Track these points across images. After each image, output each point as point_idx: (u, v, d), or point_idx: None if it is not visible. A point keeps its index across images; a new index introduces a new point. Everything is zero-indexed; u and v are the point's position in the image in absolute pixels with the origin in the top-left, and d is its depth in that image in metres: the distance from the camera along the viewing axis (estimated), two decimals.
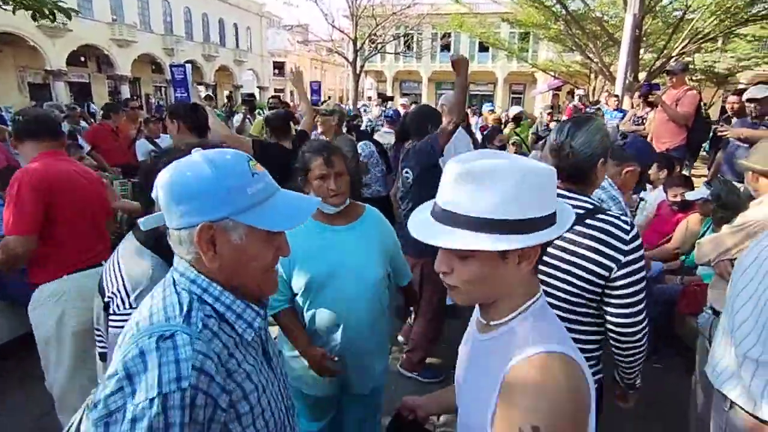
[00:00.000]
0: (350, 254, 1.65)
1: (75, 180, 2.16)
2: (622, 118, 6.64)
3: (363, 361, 1.73)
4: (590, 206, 1.38)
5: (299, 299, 1.67)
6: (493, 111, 8.62)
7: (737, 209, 1.93)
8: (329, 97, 13.74)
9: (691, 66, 17.74)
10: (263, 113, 8.13)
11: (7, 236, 1.94)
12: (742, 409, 1.35)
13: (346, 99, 32.19)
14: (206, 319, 0.80)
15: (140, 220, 0.83)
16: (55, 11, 5.68)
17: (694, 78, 18.23)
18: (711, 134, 5.62)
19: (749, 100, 3.74)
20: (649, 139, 5.24)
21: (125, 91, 26.42)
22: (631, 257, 1.32)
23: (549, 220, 0.78)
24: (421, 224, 0.81)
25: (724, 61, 17.96)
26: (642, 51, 12.44)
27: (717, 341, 1.51)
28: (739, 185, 2.63)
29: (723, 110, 8.07)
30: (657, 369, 3.05)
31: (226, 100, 10.72)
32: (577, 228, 1.35)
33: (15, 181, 1.98)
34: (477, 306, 0.93)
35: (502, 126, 7.59)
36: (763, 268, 1.32)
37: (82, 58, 25.57)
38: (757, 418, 1.31)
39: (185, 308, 0.80)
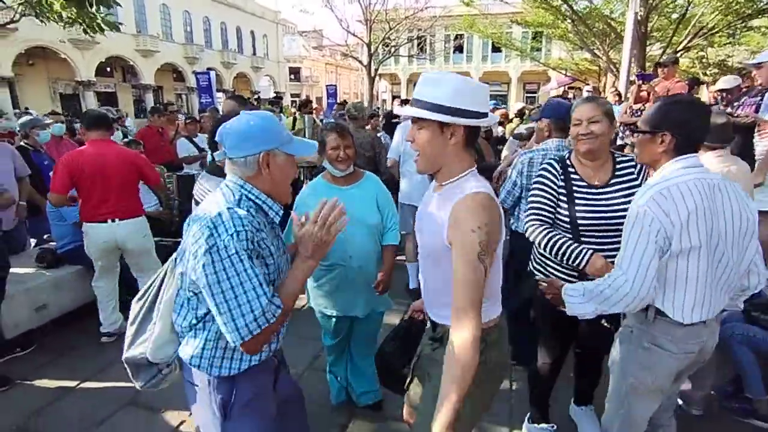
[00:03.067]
0: (353, 206, 2.14)
1: (102, 160, 3.10)
2: None
3: (365, 286, 2.26)
4: None
5: None
6: (497, 109, 8.98)
7: None
8: (345, 101, 14.27)
9: (704, 60, 17.93)
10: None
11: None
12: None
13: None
14: (249, 207, 1.30)
15: (215, 153, 1.37)
16: (103, 25, 6.37)
17: (708, 72, 18.35)
18: None
19: (720, 91, 4.15)
20: None
21: (149, 99, 27.53)
22: None
23: (476, 115, 1.24)
24: (403, 109, 1.35)
25: (738, 55, 18.00)
26: (651, 47, 12.73)
27: None
28: None
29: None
30: None
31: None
32: None
33: (59, 161, 3.17)
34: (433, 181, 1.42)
35: (510, 120, 8.03)
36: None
37: (108, 69, 26.80)
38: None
39: (237, 198, 1.30)
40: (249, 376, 1.36)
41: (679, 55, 10.65)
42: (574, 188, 1.97)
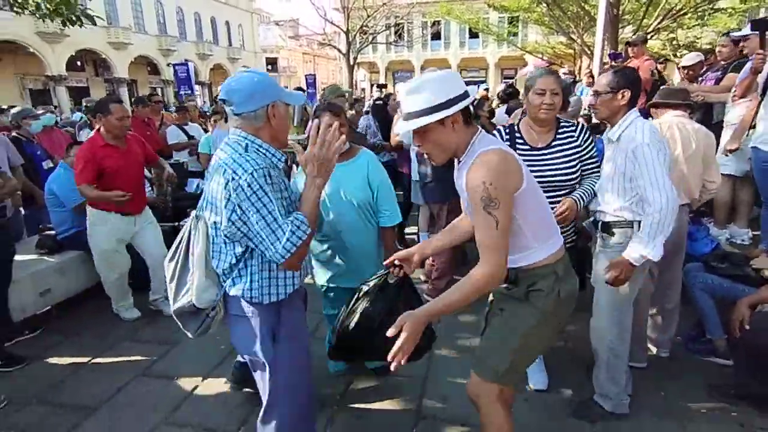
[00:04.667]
0: (346, 181, 2.34)
1: None
2: None
3: (362, 256, 2.42)
4: None
5: None
6: (486, 90, 9.45)
7: None
8: (324, 90, 14.34)
9: (675, 41, 18.43)
10: None
11: None
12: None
13: None
14: (257, 152, 1.48)
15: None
16: (82, 17, 6.32)
17: (678, 53, 18.88)
18: None
19: (683, 67, 4.45)
20: None
21: (123, 93, 26.88)
22: None
23: (462, 97, 1.38)
24: (400, 126, 1.50)
25: (706, 36, 18.54)
26: (624, 29, 13.08)
27: None
28: None
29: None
30: None
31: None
32: None
33: None
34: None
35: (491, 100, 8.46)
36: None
37: (79, 63, 26.07)
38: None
39: (245, 146, 1.47)
40: (289, 302, 1.59)
41: (649, 37, 10.99)
42: (518, 151, 2.23)
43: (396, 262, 1.76)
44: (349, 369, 2.73)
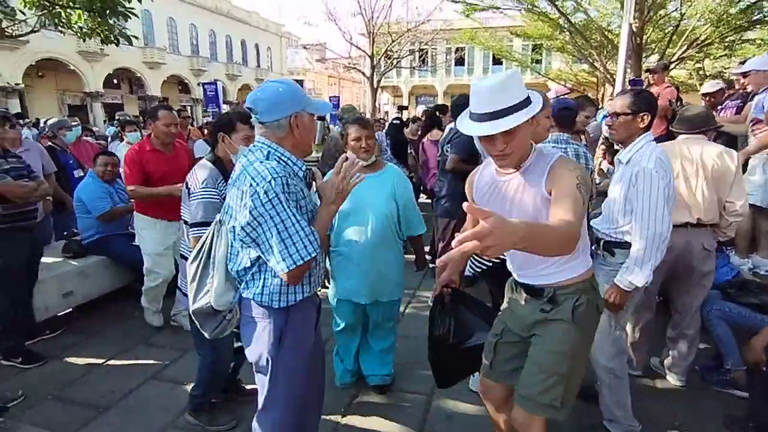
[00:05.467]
0: (370, 194, 2.37)
1: None
2: None
3: (381, 270, 2.43)
4: None
5: (335, 220, 2.38)
6: None
7: None
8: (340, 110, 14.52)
9: (701, 71, 18.25)
10: None
11: None
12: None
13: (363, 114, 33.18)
14: (277, 160, 1.51)
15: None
16: (120, 37, 6.70)
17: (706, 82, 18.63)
18: None
19: (704, 95, 4.41)
20: None
21: None
22: None
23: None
24: (473, 128, 1.41)
25: (734, 67, 18.30)
26: (648, 58, 13.03)
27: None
28: None
29: None
30: None
31: None
32: None
33: None
34: (494, 166, 1.58)
35: None
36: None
37: (116, 81, 27.30)
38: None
39: (266, 154, 1.51)
40: (299, 308, 1.61)
41: (673, 66, 10.93)
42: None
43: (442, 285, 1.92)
44: (355, 382, 2.73)
